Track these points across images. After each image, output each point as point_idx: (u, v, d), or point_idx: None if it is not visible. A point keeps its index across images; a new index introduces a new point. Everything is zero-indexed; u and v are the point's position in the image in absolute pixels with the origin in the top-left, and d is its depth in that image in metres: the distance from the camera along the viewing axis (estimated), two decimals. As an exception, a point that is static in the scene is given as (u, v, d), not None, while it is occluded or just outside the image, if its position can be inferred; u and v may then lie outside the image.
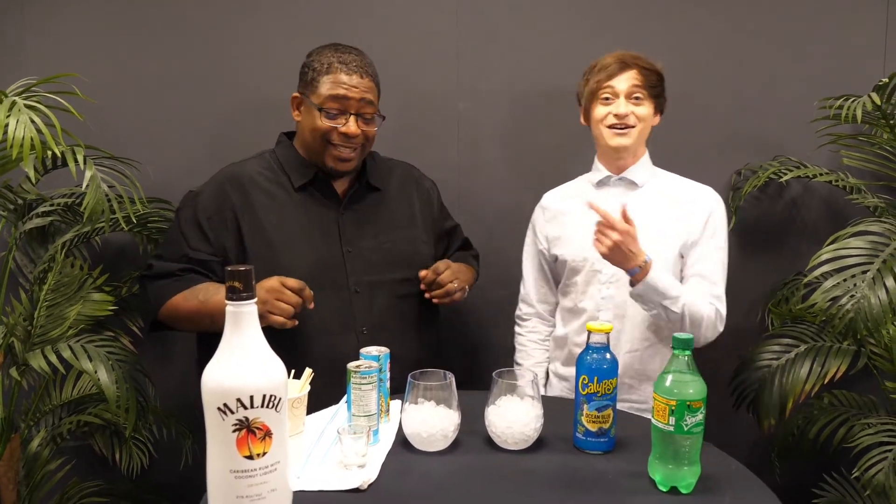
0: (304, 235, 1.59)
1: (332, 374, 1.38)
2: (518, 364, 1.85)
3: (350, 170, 1.62)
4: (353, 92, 1.54)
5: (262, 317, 1.44)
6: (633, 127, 1.62)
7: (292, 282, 1.43)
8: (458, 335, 2.19)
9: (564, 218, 1.75)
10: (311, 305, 1.46)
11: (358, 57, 1.59)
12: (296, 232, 1.58)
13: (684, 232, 1.62)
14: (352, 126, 1.55)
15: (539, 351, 1.82)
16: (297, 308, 1.43)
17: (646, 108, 1.63)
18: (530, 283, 1.83)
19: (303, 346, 1.52)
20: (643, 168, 1.69)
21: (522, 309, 1.86)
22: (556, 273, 1.78)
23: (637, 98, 1.62)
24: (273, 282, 1.42)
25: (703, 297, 1.57)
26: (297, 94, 1.62)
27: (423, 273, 1.62)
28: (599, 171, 1.72)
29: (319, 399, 1.33)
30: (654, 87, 1.63)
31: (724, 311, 1.60)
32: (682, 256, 1.64)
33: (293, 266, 1.53)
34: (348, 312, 1.57)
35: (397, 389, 1.32)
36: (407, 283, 1.64)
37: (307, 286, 1.44)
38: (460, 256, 1.90)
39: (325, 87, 1.54)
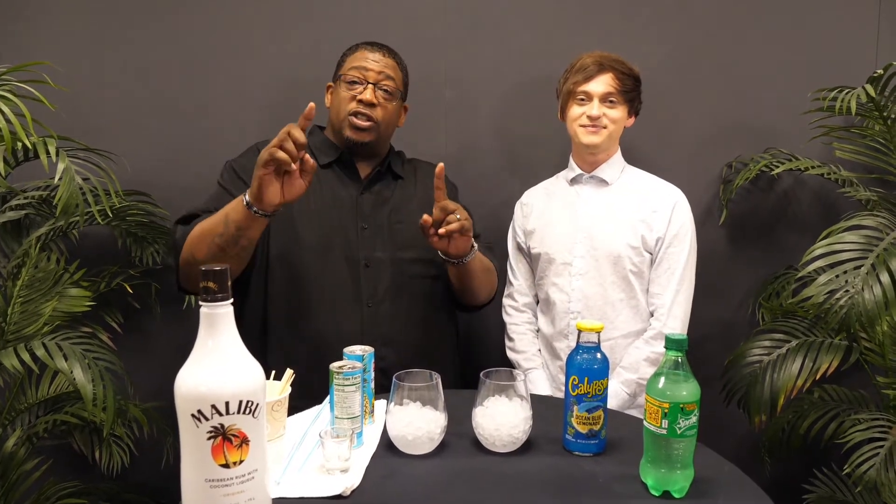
0: (323, 208, 1.63)
1: (337, 346, 1.31)
2: (512, 350, 1.85)
3: (367, 142, 1.64)
4: (373, 65, 1.63)
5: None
6: (605, 128, 1.68)
7: (299, 134, 1.30)
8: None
9: (540, 213, 1.82)
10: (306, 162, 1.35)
11: (385, 46, 1.68)
12: (315, 203, 1.62)
13: (649, 227, 1.69)
14: (368, 93, 1.61)
15: (531, 342, 1.83)
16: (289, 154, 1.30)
17: (618, 112, 1.69)
18: (520, 274, 1.86)
19: (309, 314, 1.57)
20: (613, 167, 1.76)
21: (517, 299, 1.86)
22: (532, 266, 1.84)
23: (611, 101, 1.67)
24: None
25: (642, 355, 1.68)
26: (330, 84, 1.71)
27: (426, 218, 1.47)
28: (573, 168, 1.79)
29: (325, 367, 1.23)
30: (629, 92, 1.69)
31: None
32: (651, 252, 1.70)
33: (309, 234, 1.59)
34: (356, 285, 1.60)
35: (391, 369, 1.29)
36: (417, 263, 1.66)
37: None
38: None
39: (350, 62, 1.65)
